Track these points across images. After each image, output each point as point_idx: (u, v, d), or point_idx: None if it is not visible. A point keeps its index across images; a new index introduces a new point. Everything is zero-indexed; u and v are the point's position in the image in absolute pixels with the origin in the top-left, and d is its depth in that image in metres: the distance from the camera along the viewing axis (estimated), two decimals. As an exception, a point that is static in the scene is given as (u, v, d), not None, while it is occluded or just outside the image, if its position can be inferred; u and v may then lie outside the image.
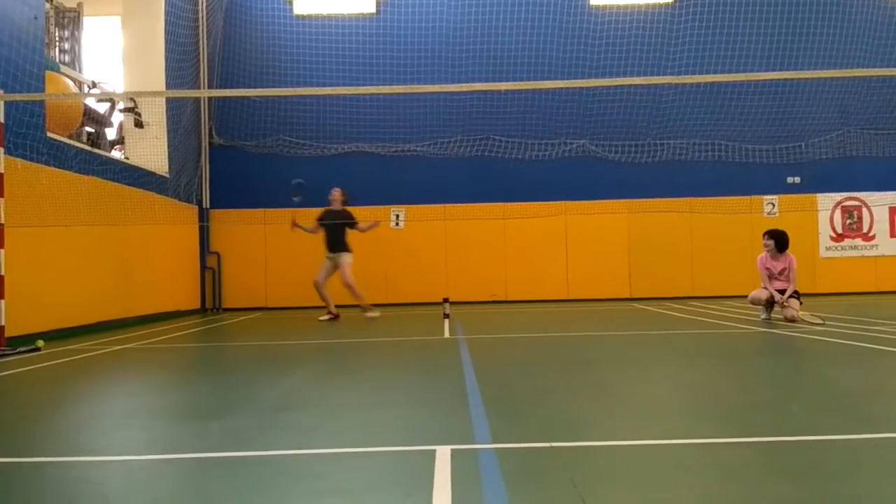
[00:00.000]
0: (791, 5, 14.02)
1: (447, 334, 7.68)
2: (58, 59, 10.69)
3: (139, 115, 11.38)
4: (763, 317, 8.46)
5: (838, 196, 13.90)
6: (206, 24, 13.19)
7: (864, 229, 13.97)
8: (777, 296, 8.30)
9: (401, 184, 13.74)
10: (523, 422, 3.37)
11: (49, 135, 8.27)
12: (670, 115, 13.96)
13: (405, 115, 13.89)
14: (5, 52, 7.40)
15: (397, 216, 13.69)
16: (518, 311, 11.65)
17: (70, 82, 9.97)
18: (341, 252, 10.40)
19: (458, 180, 13.79)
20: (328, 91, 8.49)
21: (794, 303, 8.20)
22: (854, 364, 5.18)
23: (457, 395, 3.93)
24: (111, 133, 11.68)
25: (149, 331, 8.93)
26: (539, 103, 13.91)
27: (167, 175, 11.58)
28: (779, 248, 8.46)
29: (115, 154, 11.18)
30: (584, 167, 13.95)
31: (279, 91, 12.81)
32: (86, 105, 10.38)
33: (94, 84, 11.33)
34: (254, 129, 13.90)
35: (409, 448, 2.85)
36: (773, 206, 13.78)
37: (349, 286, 10.32)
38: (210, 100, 13.68)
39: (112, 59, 12.52)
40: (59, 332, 7.93)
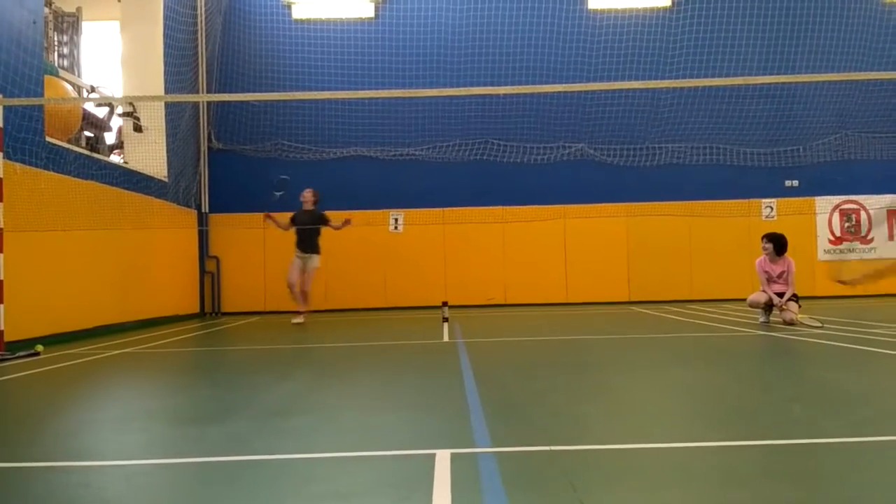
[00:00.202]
0: (788, 9, 14.06)
1: (446, 338, 7.67)
2: (57, 64, 10.70)
3: (138, 119, 11.39)
4: (762, 320, 8.47)
5: (836, 199, 13.93)
6: (205, 29, 13.20)
7: (863, 232, 14.00)
8: (776, 299, 8.30)
9: (399, 188, 13.76)
10: (523, 425, 3.37)
11: (48, 139, 8.27)
12: (668, 119, 13.99)
13: (404, 119, 13.91)
14: (4, 56, 7.40)
15: (396, 220, 13.70)
16: (517, 314, 11.65)
17: (69, 87, 9.98)
18: (313, 253, 10.50)
19: (456, 184, 13.81)
20: (327, 95, 8.50)
21: (793, 306, 8.21)
22: (853, 367, 5.19)
23: (456, 399, 3.93)
24: (110, 137, 11.68)
25: (148, 335, 8.92)
26: (537, 107, 13.94)
27: (166, 179, 11.59)
28: (777, 252, 8.48)
29: (114, 158, 11.18)
30: (583, 171, 13.97)
31: (278, 95, 12.82)
32: (85, 109, 10.39)
33: (93, 88, 11.34)
34: (253, 133, 13.91)
35: (409, 452, 2.85)
36: (772, 209, 13.80)
37: (304, 291, 10.53)
38: (209, 104, 13.69)
39: (111, 64, 12.52)
40: (59, 337, 7.93)
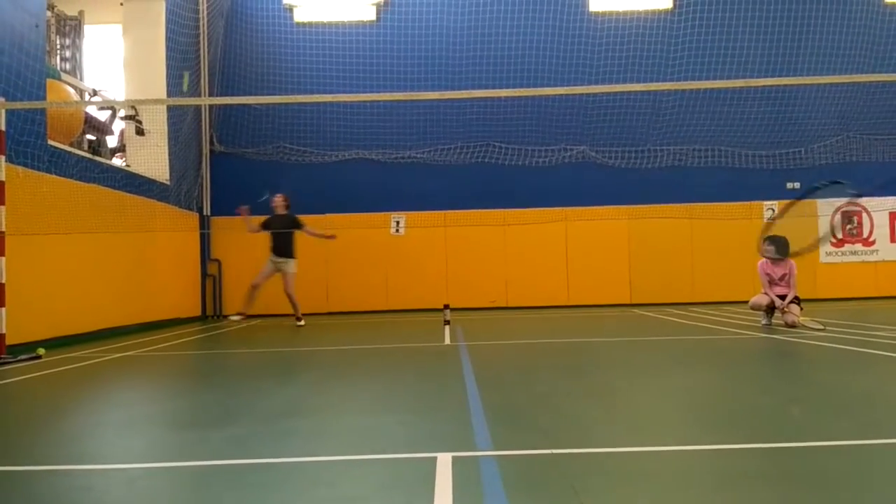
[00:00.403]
0: (790, 11, 14.06)
1: (448, 341, 7.67)
2: (59, 67, 10.74)
3: (140, 122, 11.41)
4: (764, 322, 8.46)
5: (838, 201, 13.90)
6: (206, 32, 13.22)
7: (865, 234, 13.99)
8: (778, 301, 8.29)
9: (401, 190, 13.77)
10: (524, 429, 3.36)
11: (50, 142, 8.29)
12: (670, 121, 13.99)
13: (405, 121, 13.92)
14: (6, 60, 7.42)
15: (398, 223, 13.70)
16: (519, 317, 11.64)
17: (71, 90, 10.00)
18: (288, 258, 10.51)
19: (458, 187, 13.81)
20: (329, 98, 8.52)
21: (795, 308, 8.20)
22: (855, 369, 5.19)
23: (458, 402, 3.93)
24: (112, 141, 11.71)
25: (150, 338, 8.92)
26: (539, 110, 13.95)
27: (168, 182, 11.60)
28: (779, 254, 8.47)
29: (116, 162, 11.20)
30: (584, 173, 13.97)
31: (280, 98, 12.84)
32: (87, 113, 10.41)
33: (95, 92, 11.36)
34: (254, 136, 13.93)
35: (411, 455, 2.85)
36: (773, 211, 13.78)
37: (290, 296, 10.52)
38: (211, 107, 13.70)
39: (113, 67, 12.56)
40: (60, 340, 7.93)
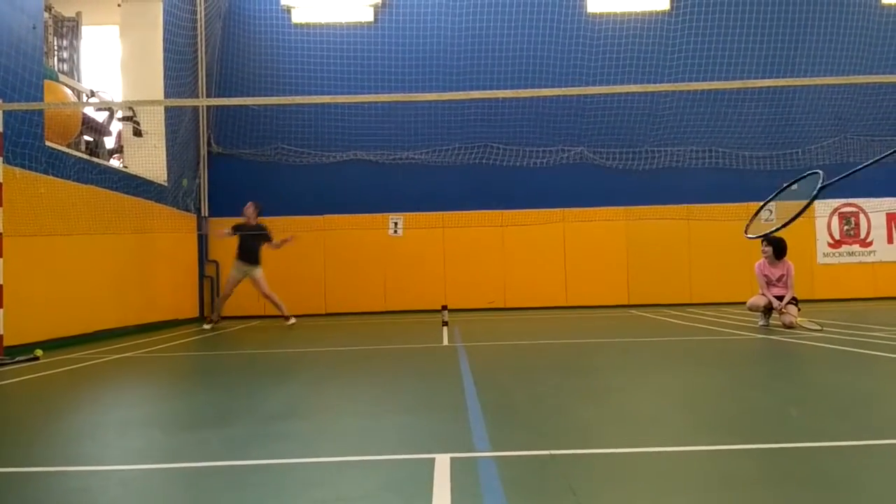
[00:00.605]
0: (787, 13, 14.09)
1: (446, 342, 7.67)
2: (56, 69, 10.72)
3: (138, 123, 11.40)
4: (761, 323, 8.47)
5: (835, 202, 13.93)
6: (204, 33, 13.21)
7: (862, 235, 14.00)
8: (775, 302, 8.30)
9: (399, 191, 13.77)
10: (523, 430, 3.36)
11: (48, 144, 8.28)
12: (667, 123, 14.00)
13: (403, 122, 13.93)
14: (4, 61, 7.41)
15: (395, 224, 13.70)
16: (517, 318, 11.64)
17: (69, 91, 10.00)
18: (255, 266, 10.57)
19: (456, 188, 13.82)
20: (326, 99, 8.53)
21: (793, 309, 8.21)
22: (853, 370, 5.19)
23: (456, 403, 3.92)
24: (110, 142, 11.70)
25: (148, 339, 8.91)
26: (536, 111, 13.96)
27: (166, 184, 11.59)
28: (777, 255, 8.49)
29: (114, 163, 11.19)
30: (582, 174, 13.99)
31: (277, 100, 12.84)
32: (84, 114, 10.40)
33: (92, 93, 11.36)
34: (252, 137, 13.92)
35: (409, 456, 2.85)
36: (771, 212, 13.76)
37: (269, 297, 10.61)
38: (209, 108, 13.70)
39: (111, 68, 12.55)
40: (58, 341, 7.92)
